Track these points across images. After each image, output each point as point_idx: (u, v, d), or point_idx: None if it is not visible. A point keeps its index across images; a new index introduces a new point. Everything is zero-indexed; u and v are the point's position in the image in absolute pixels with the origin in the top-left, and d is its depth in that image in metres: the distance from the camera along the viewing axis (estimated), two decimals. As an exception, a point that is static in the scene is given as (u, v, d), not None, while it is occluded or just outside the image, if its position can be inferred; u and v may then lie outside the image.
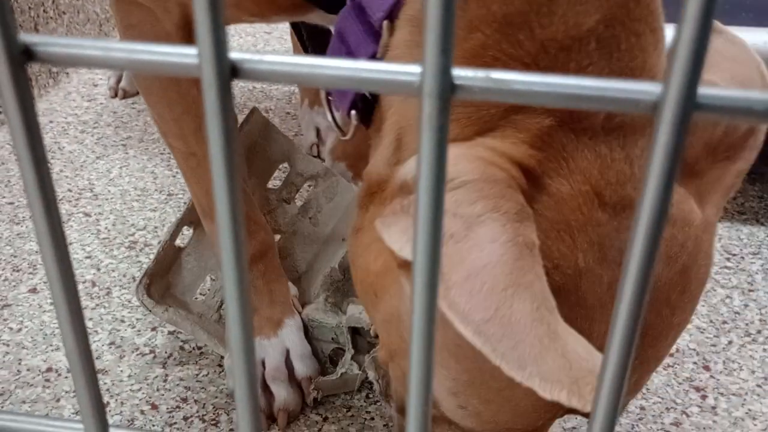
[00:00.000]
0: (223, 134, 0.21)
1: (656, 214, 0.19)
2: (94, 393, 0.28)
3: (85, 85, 1.41)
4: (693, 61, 0.19)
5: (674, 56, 0.19)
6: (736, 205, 1.10)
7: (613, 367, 0.20)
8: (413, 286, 0.21)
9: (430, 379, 0.22)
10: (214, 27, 0.20)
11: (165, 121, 0.71)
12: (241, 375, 0.25)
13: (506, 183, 0.40)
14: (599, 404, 0.23)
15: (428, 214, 0.20)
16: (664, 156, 0.19)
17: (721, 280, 0.96)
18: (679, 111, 0.19)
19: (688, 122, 0.19)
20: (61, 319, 0.26)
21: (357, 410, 0.77)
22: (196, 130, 0.70)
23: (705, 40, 0.18)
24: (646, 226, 0.20)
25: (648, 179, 0.20)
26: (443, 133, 0.20)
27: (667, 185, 0.19)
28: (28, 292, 0.91)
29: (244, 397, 0.26)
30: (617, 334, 0.20)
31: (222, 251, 0.23)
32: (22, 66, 0.22)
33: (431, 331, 0.21)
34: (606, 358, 0.20)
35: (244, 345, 0.25)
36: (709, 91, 0.19)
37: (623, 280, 0.20)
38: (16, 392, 0.78)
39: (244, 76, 0.21)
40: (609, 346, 0.20)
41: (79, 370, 0.27)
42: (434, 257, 0.20)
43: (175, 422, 0.75)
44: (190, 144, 0.71)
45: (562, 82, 0.20)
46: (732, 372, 0.82)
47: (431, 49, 0.19)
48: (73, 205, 1.08)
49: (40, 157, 0.23)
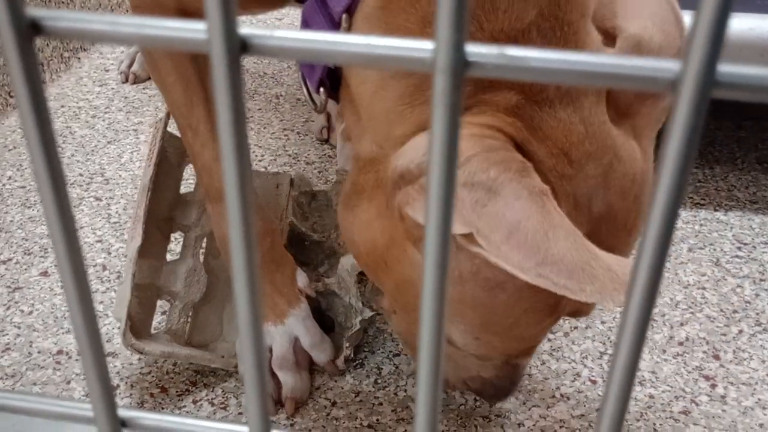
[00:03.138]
0: (233, 111, 0.21)
1: (674, 192, 0.19)
2: (102, 375, 0.28)
3: (97, 70, 1.41)
4: (713, 37, 0.18)
5: (693, 33, 0.18)
6: (748, 194, 1.09)
7: (631, 328, 0.20)
8: (425, 257, 0.21)
9: (441, 336, 0.22)
10: (223, 1, 0.19)
11: (162, 89, 0.71)
12: (249, 358, 0.25)
13: (504, 147, 0.47)
14: (611, 389, 0.22)
15: (441, 192, 0.20)
16: (682, 134, 0.19)
17: (732, 270, 0.95)
18: (699, 88, 0.19)
19: (707, 100, 0.19)
20: (71, 303, 0.26)
21: (365, 395, 0.77)
22: (188, 101, 0.69)
23: (725, 17, 0.18)
24: (664, 205, 0.19)
25: (665, 157, 0.19)
26: (455, 111, 0.20)
27: (685, 163, 0.19)
28: (39, 275, 0.92)
29: (252, 380, 0.26)
30: (631, 315, 0.20)
31: (231, 230, 0.23)
32: (30, 40, 0.22)
33: (443, 289, 0.21)
34: (621, 331, 0.20)
35: (252, 327, 0.24)
36: (728, 69, 0.19)
37: (640, 249, 0.20)
38: (27, 374, 0.78)
39: (254, 52, 0.21)
40: (624, 323, 0.20)
41: (89, 353, 0.27)
42: (446, 232, 0.20)
43: (184, 405, 0.76)
44: (184, 115, 0.70)
45: (580, 59, 0.19)
46: (742, 361, 0.82)
47: (444, 25, 0.19)
48: (84, 189, 1.08)
49: (47, 132, 0.23)
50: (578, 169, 0.50)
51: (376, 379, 0.79)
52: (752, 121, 1.26)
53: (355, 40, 0.20)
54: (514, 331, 0.53)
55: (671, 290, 0.92)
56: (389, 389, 0.78)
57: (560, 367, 0.81)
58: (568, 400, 0.77)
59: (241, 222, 0.22)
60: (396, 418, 0.75)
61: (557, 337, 0.84)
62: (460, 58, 0.19)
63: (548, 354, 0.82)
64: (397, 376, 0.79)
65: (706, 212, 1.06)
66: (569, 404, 0.76)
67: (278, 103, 1.32)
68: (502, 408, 0.76)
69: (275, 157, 1.16)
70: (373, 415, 0.75)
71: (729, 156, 1.18)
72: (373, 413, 0.75)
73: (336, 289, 0.79)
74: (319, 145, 1.20)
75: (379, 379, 0.79)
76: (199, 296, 0.80)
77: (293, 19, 1.63)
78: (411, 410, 0.75)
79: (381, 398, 0.77)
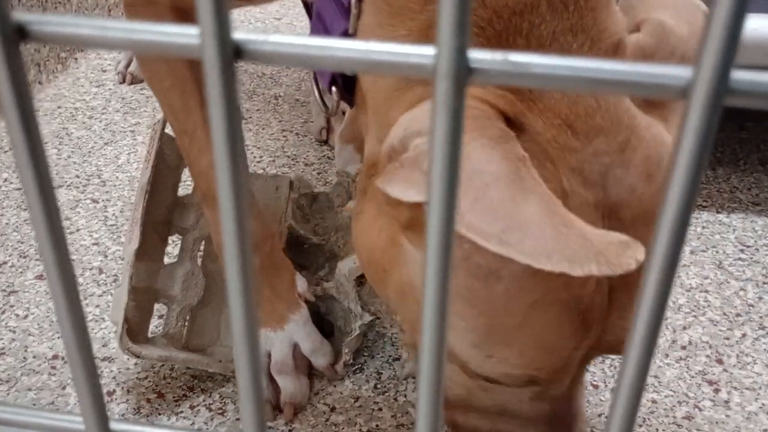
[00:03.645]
0: (226, 120, 0.20)
1: (685, 201, 0.18)
2: (93, 387, 0.27)
3: (94, 70, 1.40)
4: (726, 42, 0.17)
5: (706, 37, 0.18)
6: (751, 195, 1.09)
7: (645, 318, 0.19)
8: (426, 264, 0.20)
9: (443, 337, 0.21)
10: (216, 4, 0.19)
11: (157, 94, 0.70)
12: (243, 365, 0.25)
13: (485, 116, 0.44)
14: (623, 384, 0.22)
15: (443, 202, 0.19)
16: (693, 143, 0.18)
17: (735, 272, 0.94)
18: (711, 96, 0.18)
19: (720, 108, 0.18)
20: (60, 316, 0.25)
21: (365, 400, 0.76)
22: (185, 106, 0.68)
23: (739, 21, 0.17)
24: (674, 214, 0.19)
25: (676, 166, 0.18)
26: (458, 119, 0.19)
27: (696, 172, 0.18)
28: (35, 279, 0.91)
29: (247, 387, 0.25)
30: (643, 315, 0.19)
31: (225, 238, 0.22)
32: (16, 46, 0.21)
33: (446, 279, 0.20)
34: (635, 323, 0.20)
35: (247, 333, 0.24)
36: (742, 75, 0.18)
37: (650, 258, 0.19)
38: (21, 379, 0.78)
39: (248, 58, 0.20)
40: (637, 313, 0.19)
41: (79, 363, 0.27)
42: (448, 240, 0.19)
43: (181, 411, 0.75)
44: (180, 120, 0.69)
45: (587, 66, 0.19)
46: (746, 366, 0.81)
47: (446, 29, 0.18)
48: (81, 191, 1.07)
49: (35, 141, 0.22)
50: (585, 142, 0.46)
51: (375, 384, 0.78)
52: (755, 122, 1.25)
53: (354, 46, 0.19)
54: (528, 337, 0.48)
55: (674, 293, 0.91)
56: (389, 394, 0.77)
57: (561, 372, 0.80)
58: (569, 404, 0.76)
59: (235, 234, 0.22)
60: (396, 424, 0.74)
61: (558, 341, 0.84)
62: (462, 64, 0.18)
63: (549, 358, 0.82)
64: (397, 381, 0.78)
65: (709, 214, 1.05)
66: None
67: (277, 104, 1.31)
68: (502, 413, 0.75)
69: (274, 159, 1.16)
70: (373, 421, 0.74)
71: (731, 158, 1.17)
72: (372, 419, 0.74)
73: (335, 293, 0.79)
74: (318, 146, 1.19)
75: (379, 384, 0.78)
76: (197, 300, 0.79)
77: (292, 18, 1.62)
78: (411, 416, 0.74)
79: (381, 403, 0.76)
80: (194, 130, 0.69)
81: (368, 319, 0.77)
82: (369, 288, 0.79)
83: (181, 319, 0.78)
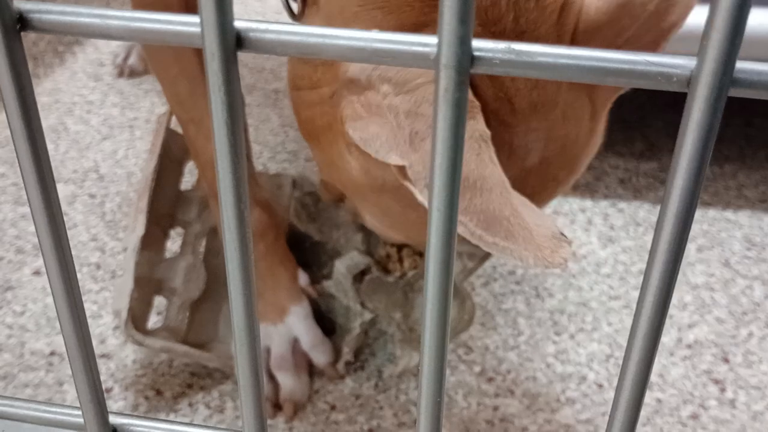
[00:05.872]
0: (226, 110, 0.20)
1: (688, 194, 0.18)
2: (93, 381, 0.27)
3: (92, 64, 1.40)
4: (731, 32, 0.17)
5: (710, 29, 0.17)
6: (758, 193, 1.08)
7: (647, 321, 0.19)
8: (427, 273, 0.20)
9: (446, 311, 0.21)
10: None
11: (163, 83, 0.69)
12: (243, 359, 0.24)
13: None
14: (623, 389, 0.22)
15: (444, 197, 0.19)
16: (697, 135, 0.18)
17: (742, 270, 0.94)
18: (715, 87, 0.18)
19: (724, 99, 0.18)
20: (61, 313, 0.25)
21: (365, 399, 0.76)
22: (192, 94, 0.68)
23: (744, 11, 0.17)
24: (678, 208, 0.19)
25: (679, 158, 0.18)
26: (461, 110, 0.19)
27: (700, 165, 0.18)
28: (32, 275, 0.91)
29: (247, 383, 0.25)
30: (645, 311, 0.19)
31: (224, 230, 0.22)
32: (17, 35, 0.21)
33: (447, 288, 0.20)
34: (634, 326, 0.19)
35: (247, 326, 0.24)
36: (747, 66, 0.18)
37: (653, 252, 0.19)
38: (19, 376, 0.77)
39: (250, 47, 0.20)
40: (634, 329, 0.19)
41: (78, 357, 0.26)
42: (449, 239, 0.19)
43: (180, 408, 0.75)
44: (187, 109, 0.69)
45: (589, 55, 0.19)
46: (752, 364, 0.81)
47: (449, 18, 0.18)
48: (79, 186, 1.07)
49: (35, 131, 0.22)
50: (521, 120, 0.47)
51: (376, 382, 0.78)
52: (762, 118, 1.25)
53: (356, 35, 0.19)
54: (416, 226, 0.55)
55: (679, 291, 0.91)
56: (390, 392, 0.77)
57: (565, 371, 0.80)
58: (574, 404, 0.76)
59: (236, 225, 0.21)
60: (397, 422, 0.74)
61: (562, 340, 0.83)
62: (466, 53, 0.18)
63: (553, 357, 0.81)
64: (398, 379, 0.78)
65: (715, 211, 1.05)
66: (575, 408, 0.76)
67: (277, 98, 1.31)
68: (506, 412, 0.75)
69: (274, 155, 1.16)
70: (374, 419, 0.74)
71: (738, 154, 1.17)
72: (373, 417, 0.74)
73: (334, 291, 0.78)
74: (317, 143, 1.19)
75: (380, 382, 0.78)
76: (198, 294, 0.79)
77: (291, 15, 1.62)
78: (412, 414, 0.74)
79: (382, 402, 0.76)
80: (201, 118, 0.68)
81: (369, 317, 0.77)
82: (365, 286, 0.78)
83: (182, 312, 0.78)
